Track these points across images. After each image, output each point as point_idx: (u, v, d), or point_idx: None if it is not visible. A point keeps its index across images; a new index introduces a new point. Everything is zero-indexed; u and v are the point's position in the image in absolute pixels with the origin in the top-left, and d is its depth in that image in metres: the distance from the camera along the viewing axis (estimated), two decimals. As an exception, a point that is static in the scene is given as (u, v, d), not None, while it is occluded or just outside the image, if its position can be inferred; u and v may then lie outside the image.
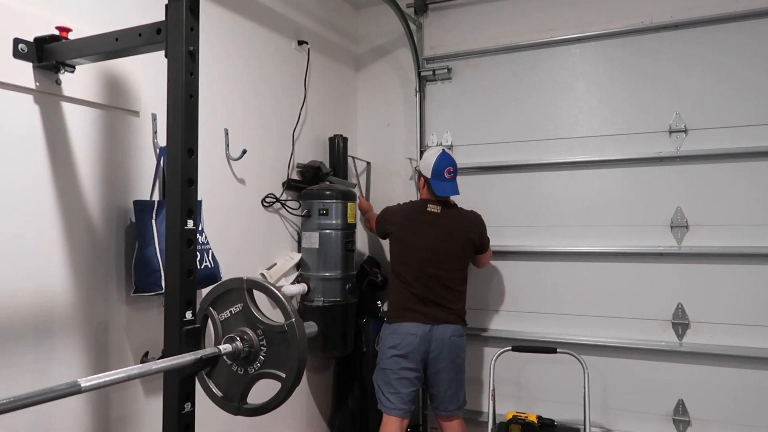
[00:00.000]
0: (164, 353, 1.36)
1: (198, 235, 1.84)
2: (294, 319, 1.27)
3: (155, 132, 1.99)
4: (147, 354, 1.94)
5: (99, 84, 1.80)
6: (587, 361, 2.59)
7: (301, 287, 2.74)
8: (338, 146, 3.13)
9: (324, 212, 2.76)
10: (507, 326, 3.05)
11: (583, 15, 2.92)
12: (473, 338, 2.98)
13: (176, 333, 1.33)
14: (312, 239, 2.78)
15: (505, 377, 2.95)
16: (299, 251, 2.84)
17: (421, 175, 2.72)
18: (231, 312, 1.37)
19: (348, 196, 2.84)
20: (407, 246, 2.63)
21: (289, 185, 2.78)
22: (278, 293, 1.31)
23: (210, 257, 2.04)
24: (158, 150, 1.98)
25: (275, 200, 2.68)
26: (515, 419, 2.64)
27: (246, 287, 1.35)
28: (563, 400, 2.84)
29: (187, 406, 1.34)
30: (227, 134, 2.38)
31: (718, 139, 2.63)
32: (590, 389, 2.56)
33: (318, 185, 2.84)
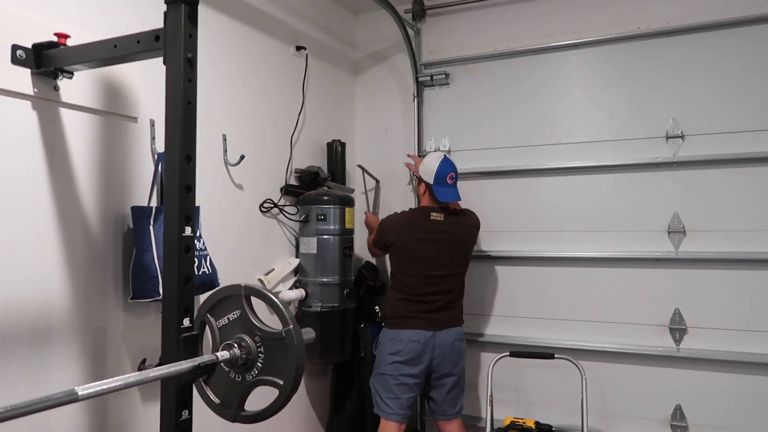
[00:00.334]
0: (162, 360, 1.36)
1: (196, 241, 1.84)
2: (291, 326, 1.27)
3: (153, 138, 1.99)
4: (144, 361, 1.93)
5: (97, 90, 1.80)
6: (585, 367, 2.60)
7: (299, 292, 2.73)
8: (336, 151, 3.13)
9: (322, 217, 2.76)
10: (505, 331, 3.04)
11: (581, 21, 2.93)
12: (471, 343, 2.98)
13: (174, 340, 1.33)
14: (310, 244, 2.78)
15: (503, 383, 2.95)
16: (297, 256, 2.84)
17: (422, 181, 2.70)
18: (229, 319, 1.37)
19: (346, 202, 2.84)
20: (410, 255, 2.59)
21: (287, 190, 2.78)
22: (276, 300, 1.31)
23: (208, 263, 2.04)
24: (156, 156, 1.98)
25: (273, 206, 2.68)
26: (513, 425, 2.65)
27: (244, 294, 1.35)
28: (561, 406, 2.84)
29: (185, 414, 1.34)
30: (225, 140, 2.38)
31: (715, 145, 2.64)
32: (588, 395, 2.56)
33: (316, 190, 2.84)
